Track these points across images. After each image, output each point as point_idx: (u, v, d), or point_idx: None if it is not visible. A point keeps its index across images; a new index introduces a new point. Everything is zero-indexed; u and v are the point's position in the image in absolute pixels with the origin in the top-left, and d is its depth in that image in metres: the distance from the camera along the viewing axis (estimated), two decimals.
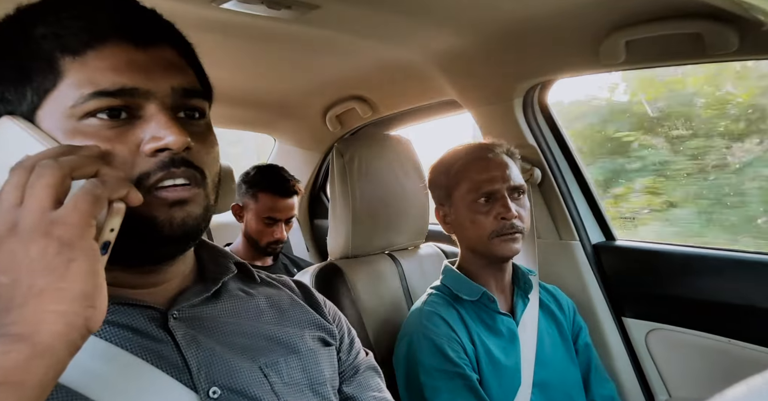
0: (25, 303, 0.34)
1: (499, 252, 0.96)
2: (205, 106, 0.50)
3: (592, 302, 1.25)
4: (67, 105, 0.43)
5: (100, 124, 0.43)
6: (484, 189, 0.96)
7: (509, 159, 1.01)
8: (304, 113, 1.76)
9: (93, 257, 0.36)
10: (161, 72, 0.45)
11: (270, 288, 0.61)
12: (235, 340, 0.52)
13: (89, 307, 0.36)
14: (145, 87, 0.44)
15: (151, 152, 0.44)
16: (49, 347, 0.34)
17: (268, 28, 1.03)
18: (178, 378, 0.46)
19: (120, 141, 0.43)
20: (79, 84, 0.43)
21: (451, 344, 0.91)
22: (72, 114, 0.43)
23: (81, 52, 0.43)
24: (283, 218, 1.56)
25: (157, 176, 0.44)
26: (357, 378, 0.61)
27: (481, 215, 0.96)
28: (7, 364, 0.32)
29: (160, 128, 0.43)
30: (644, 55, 0.97)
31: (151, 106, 0.44)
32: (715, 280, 1.10)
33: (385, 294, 1.14)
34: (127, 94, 0.43)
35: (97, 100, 0.42)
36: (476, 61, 1.19)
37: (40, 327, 0.34)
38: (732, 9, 0.76)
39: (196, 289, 0.53)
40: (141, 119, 0.44)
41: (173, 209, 0.45)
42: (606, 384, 1.05)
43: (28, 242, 0.35)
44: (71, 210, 0.36)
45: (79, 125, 0.43)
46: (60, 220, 0.35)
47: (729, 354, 1.07)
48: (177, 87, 0.46)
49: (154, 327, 0.48)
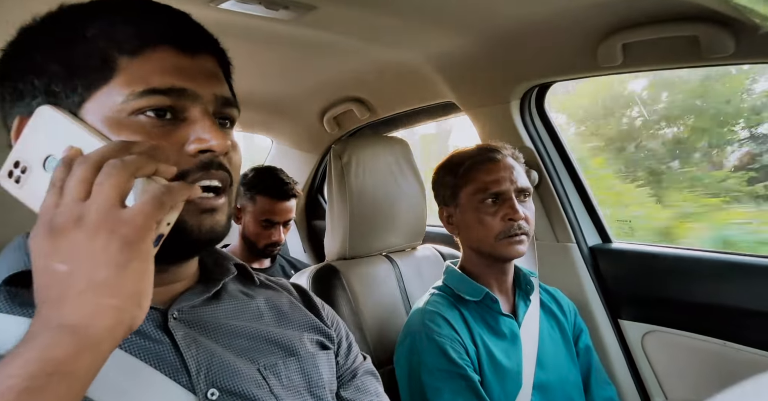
0: (83, 294, 0.36)
1: (506, 253, 0.97)
2: (235, 115, 0.53)
3: (589, 304, 1.25)
4: (118, 100, 0.45)
5: (147, 121, 0.45)
6: (492, 190, 0.97)
7: (515, 162, 1.02)
8: (301, 114, 1.75)
9: (149, 260, 0.39)
10: (205, 79, 0.48)
11: (269, 291, 0.62)
12: (234, 342, 0.52)
13: (138, 306, 0.38)
14: (193, 89, 0.47)
15: (195, 152, 0.46)
16: (99, 340, 0.36)
17: (266, 29, 1.03)
18: (176, 379, 0.46)
19: (165, 139, 0.45)
20: (131, 82, 0.45)
21: (454, 344, 0.91)
22: (122, 109, 0.45)
23: (136, 52, 0.45)
24: (281, 221, 1.55)
25: (196, 175, 0.46)
26: (354, 383, 0.61)
27: (488, 216, 0.97)
28: (59, 355, 0.34)
29: (205, 130, 0.46)
30: (641, 59, 0.98)
31: (195, 109, 0.47)
32: (711, 282, 1.10)
33: (382, 296, 1.14)
34: (176, 95, 0.46)
35: (148, 97, 0.45)
36: (473, 64, 1.19)
37: (94, 321, 0.35)
38: (728, 12, 0.77)
39: (196, 290, 0.53)
40: (185, 121, 0.47)
41: (203, 216, 0.47)
42: (607, 386, 1.05)
43: (94, 236, 0.36)
44: (138, 212, 0.37)
45: (127, 120, 0.45)
46: (126, 220, 0.37)
47: (724, 356, 1.07)
48: (219, 95, 0.49)
49: (153, 327, 0.48)
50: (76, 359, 0.34)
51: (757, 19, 0.60)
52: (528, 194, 1.00)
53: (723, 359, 1.08)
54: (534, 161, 1.28)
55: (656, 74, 1.56)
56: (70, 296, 0.36)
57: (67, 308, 0.36)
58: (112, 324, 0.36)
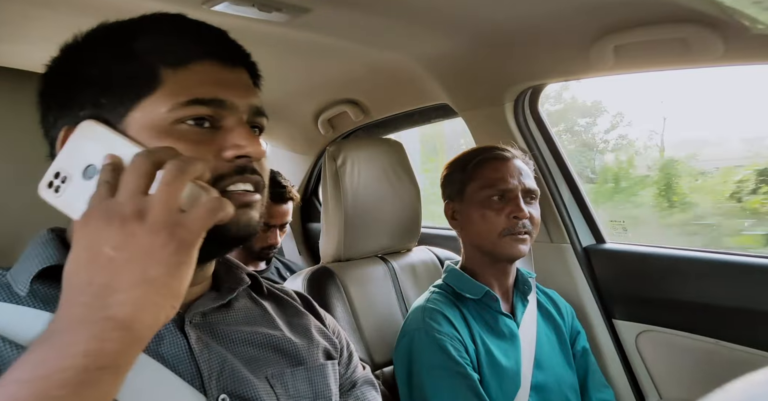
0: (136, 287, 0.36)
1: (507, 251, 0.97)
2: (265, 124, 0.56)
3: (584, 304, 1.25)
4: (163, 110, 0.47)
5: (189, 129, 0.47)
6: (499, 186, 0.98)
7: (525, 166, 1.04)
8: (295, 116, 1.75)
9: (195, 263, 0.39)
10: (243, 90, 0.51)
11: (277, 299, 0.63)
12: (243, 349, 0.53)
13: (174, 308, 0.39)
14: (231, 100, 0.49)
15: (232, 157, 0.48)
16: (143, 336, 0.37)
17: (260, 31, 1.03)
18: (190, 381, 0.47)
19: (205, 145, 0.48)
20: (176, 93, 0.47)
21: (453, 342, 0.91)
22: (166, 118, 0.47)
23: (180, 65, 0.48)
24: (278, 224, 1.55)
25: (232, 179, 0.48)
26: (354, 393, 0.62)
27: (493, 212, 0.97)
28: (110, 349, 0.35)
29: (242, 138, 0.48)
30: (633, 61, 0.99)
31: (232, 118, 0.49)
32: (704, 282, 1.11)
33: (377, 297, 1.14)
34: (216, 105, 0.48)
35: (192, 107, 0.47)
36: (467, 66, 1.20)
37: (142, 316, 0.36)
38: (717, 14, 0.78)
39: (211, 296, 0.55)
40: (221, 129, 0.49)
41: (240, 211, 0.48)
42: (604, 389, 1.06)
43: (156, 233, 0.37)
44: (197, 218, 0.39)
45: (171, 128, 0.47)
46: (185, 224, 0.38)
47: (717, 355, 1.08)
48: (253, 106, 0.52)
49: (171, 329, 0.49)
50: (125, 354, 0.35)
51: (745, 22, 0.60)
52: (535, 197, 1.01)
53: (715, 357, 1.09)
54: None
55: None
56: (122, 286, 0.36)
57: (116, 298, 0.36)
58: (154, 321, 0.37)
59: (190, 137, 0.47)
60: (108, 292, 0.36)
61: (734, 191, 1.48)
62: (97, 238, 0.37)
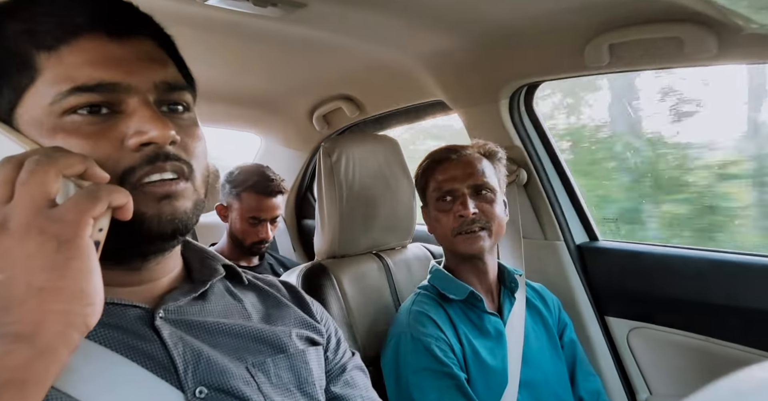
0: (25, 301, 0.34)
1: (462, 249, 0.99)
2: (189, 99, 0.49)
3: (576, 301, 1.26)
4: (45, 102, 0.42)
5: (81, 120, 0.42)
6: (444, 188, 1.00)
7: (481, 158, 1.03)
8: (290, 111, 1.75)
9: (91, 255, 0.36)
10: (141, 66, 0.44)
11: (258, 289, 0.61)
12: (222, 340, 0.51)
13: (88, 305, 0.36)
14: (126, 82, 0.43)
15: (136, 146, 0.43)
16: (49, 346, 0.34)
17: (255, 26, 1.02)
18: (164, 377, 0.45)
19: (103, 136, 0.42)
20: (56, 80, 0.41)
21: (439, 343, 0.92)
22: (51, 111, 0.42)
23: (55, 47, 0.42)
24: (268, 218, 1.54)
25: (143, 170, 0.43)
26: (344, 377, 0.61)
27: (443, 214, 1.00)
28: (10, 363, 0.32)
29: (144, 122, 0.42)
30: (628, 59, 0.99)
31: (132, 100, 0.43)
32: (695, 280, 1.12)
33: (372, 294, 1.14)
34: (107, 90, 0.42)
35: (76, 96, 0.41)
36: (463, 63, 1.20)
37: (41, 327, 0.34)
38: (712, 14, 0.78)
39: (183, 289, 0.52)
40: (123, 113, 0.43)
41: (161, 203, 0.44)
42: (591, 378, 1.07)
43: (24, 239, 0.34)
44: (70, 207, 0.35)
45: (60, 121, 0.42)
46: (57, 217, 0.35)
47: (708, 352, 1.09)
48: (159, 81, 0.45)
49: (140, 325, 0.47)
50: (28, 366, 0.33)
51: (739, 21, 0.61)
52: (488, 189, 1.00)
53: (706, 355, 1.10)
54: (523, 160, 1.29)
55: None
56: (13, 305, 0.34)
57: (11, 317, 0.34)
58: (60, 328, 0.34)
59: (84, 130, 0.41)
60: (4, 312, 0.34)
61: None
62: None
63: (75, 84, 0.41)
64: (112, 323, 0.46)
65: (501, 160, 1.07)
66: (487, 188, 1.00)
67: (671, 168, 1.54)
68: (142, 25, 0.47)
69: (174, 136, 0.44)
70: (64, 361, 0.35)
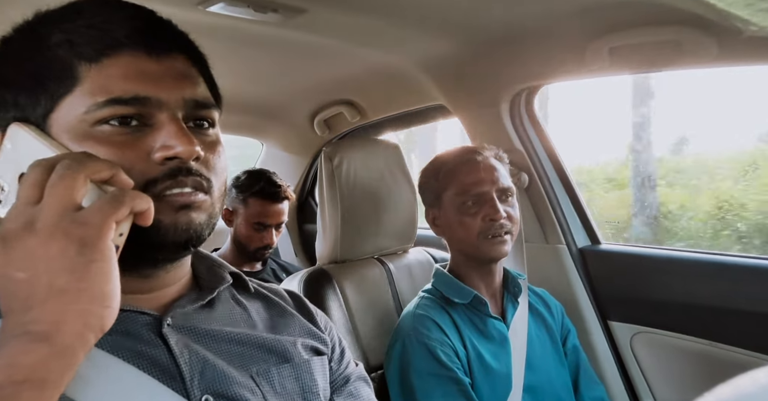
0: (46, 301, 0.35)
1: (488, 253, 0.97)
2: (215, 116, 0.51)
3: (579, 306, 1.26)
4: (80, 111, 0.43)
5: (112, 130, 0.44)
6: (472, 192, 0.97)
7: (498, 162, 1.02)
8: (291, 117, 1.75)
9: (112, 258, 0.37)
10: (173, 82, 0.46)
11: (263, 298, 0.61)
12: (227, 348, 0.51)
13: (107, 307, 0.37)
14: (157, 97, 0.45)
15: (161, 160, 0.44)
16: (68, 346, 0.35)
17: (256, 32, 1.03)
18: (170, 385, 0.46)
19: (130, 148, 0.44)
20: (93, 91, 0.43)
21: (444, 347, 0.91)
22: (84, 120, 0.43)
23: (97, 59, 0.44)
24: (273, 224, 1.55)
25: (165, 183, 0.45)
26: (348, 388, 0.61)
27: (469, 217, 0.97)
28: (30, 362, 0.33)
29: (171, 137, 0.44)
30: (628, 62, 0.99)
31: (162, 115, 0.45)
32: (698, 283, 1.11)
33: (374, 299, 1.14)
34: (140, 103, 0.44)
35: (111, 107, 0.43)
36: (464, 67, 1.20)
37: (60, 327, 0.35)
38: (711, 16, 0.78)
39: (190, 297, 0.53)
40: (152, 127, 0.45)
41: (179, 213, 0.45)
42: (596, 386, 1.06)
43: (48, 241, 0.35)
44: (95, 211, 0.36)
45: (91, 130, 0.44)
46: (82, 220, 0.36)
47: (712, 356, 1.08)
48: (188, 98, 0.47)
49: (147, 332, 0.48)
50: (47, 366, 0.34)
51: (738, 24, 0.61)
52: (511, 194, 1.00)
53: (710, 359, 1.09)
54: (524, 164, 1.29)
55: None
56: (35, 303, 0.35)
57: (31, 316, 0.35)
58: (79, 329, 0.35)
59: (113, 140, 0.43)
60: (24, 312, 0.35)
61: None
62: (3, 263, 0.36)
63: (111, 96, 0.43)
64: (120, 329, 0.46)
65: (507, 164, 1.07)
66: (511, 193, 1.00)
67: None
68: (176, 43, 0.49)
69: (198, 152, 0.45)
70: (79, 361, 0.36)
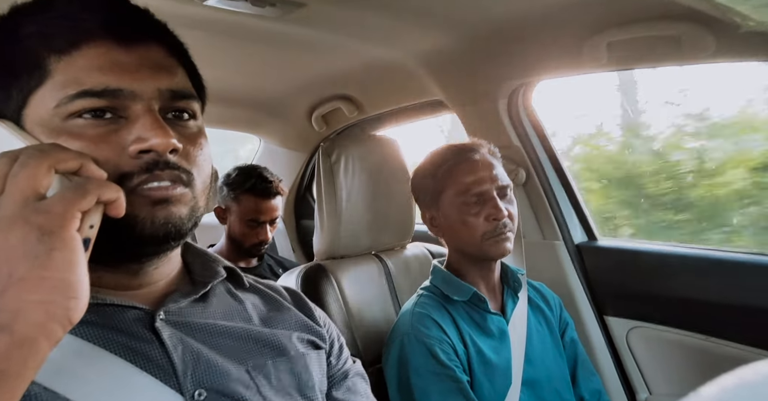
0: (5, 291, 0.34)
1: (493, 253, 0.96)
2: (195, 107, 0.49)
3: (575, 300, 1.26)
4: (51, 105, 0.42)
5: (85, 123, 0.43)
6: (472, 191, 0.95)
7: (493, 159, 1.01)
8: (289, 112, 1.74)
9: (76, 247, 0.36)
10: (148, 73, 0.45)
11: (259, 292, 0.61)
12: (222, 342, 0.51)
13: (71, 298, 0.35)
14: (130, 88, 0.43)
15: (136, 153, 0.43)
16: (28, 337, 0.34)
17: (253, 26, 1.02)
18: (163, 379, 0.45)
19: (105, 141, 0.43)
20: (64, 84, 0.42)
21: (442, 346, 0.91)
22: (57, 114, 0.42)
23: (67, 51, 0.42)
24: (267, 220, 1.54)
25: (141, 177, 0.43)
26: (346, 383, 0.61)
27: (472, 217, 0.95)
28: None
29: (146, 129, 0.43)
30: (625, 57, 0.99)
31: (136, 106, 0.44)
32: (694, 279, 1.12)
33: (371, 295, 1.14)
34: (112, 95, 0.43)
35: (82, 100, 0.42)
36: (462, 62, 1.20)
37: (19, 317, 0.33)
38: (709, 11, 0.78)
39: (184, 291, 0.52)
40: (127, 119, 0.44)
41: (156, 208, 0.44)
42: (593, 377, 1.07)
43: (8, 230, 0.34)
44: (57, 200, 0.35)
45: (64, 124, 0.42)
46: (44, 209, 0.35)
47: (707, 351, 1.09)
48: (164, 89, 0.45)
49: (139, 327, 0.47)
50: (7, 357, 0.33)
51: (737, 19, 0.61)
52: (509, 190, 0.99)
53: (706, 354, 1.10)
54: (521, 159, 1.29)
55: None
56: None
57: None
58: (40, 318, 0.34)
59: (87, 133, 0.42)
60: None
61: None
62: None
63: (82, 88, 0.42)
64: (110, 325, 0.46)
65: (500, 159, 1.06)
66: (510, 188, 0.99)
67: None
68: (152, 32, 0.47)
69: (175, 144, 0.44)
70: (44, 354, 0.35)
